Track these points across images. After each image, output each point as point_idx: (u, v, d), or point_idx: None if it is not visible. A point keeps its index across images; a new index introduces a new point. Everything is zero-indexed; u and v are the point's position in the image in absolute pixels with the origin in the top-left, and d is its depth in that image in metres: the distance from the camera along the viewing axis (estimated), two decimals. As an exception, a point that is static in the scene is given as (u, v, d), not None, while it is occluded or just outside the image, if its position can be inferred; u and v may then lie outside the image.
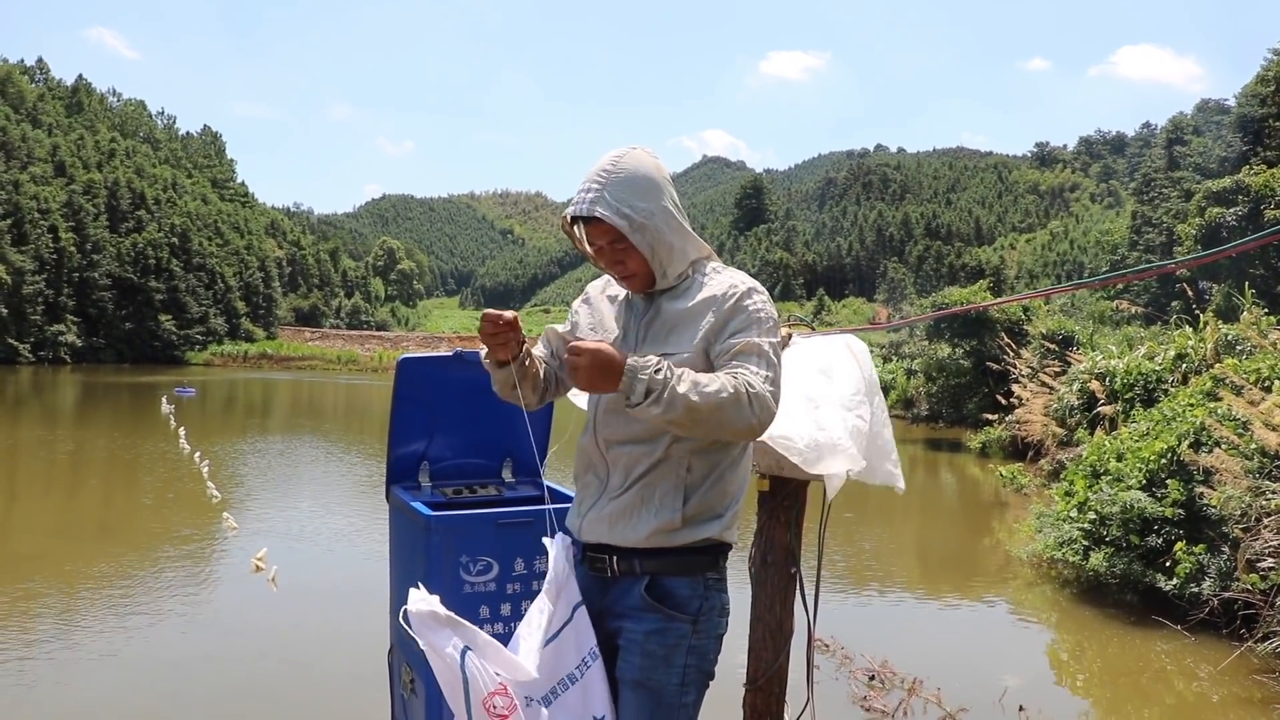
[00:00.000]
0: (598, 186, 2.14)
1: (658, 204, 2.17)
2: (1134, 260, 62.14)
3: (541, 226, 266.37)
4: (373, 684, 4.81)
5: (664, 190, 2.19)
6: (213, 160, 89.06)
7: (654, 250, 2.16)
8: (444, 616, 1.97)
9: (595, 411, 2.25)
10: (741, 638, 2.57)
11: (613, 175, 2.15)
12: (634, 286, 2.24)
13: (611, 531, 2.15)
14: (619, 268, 2.22)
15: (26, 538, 9.62)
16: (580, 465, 2.29)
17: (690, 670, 2.13)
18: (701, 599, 2.15)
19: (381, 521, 9.96)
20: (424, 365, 3.11)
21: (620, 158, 2.18)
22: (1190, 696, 6.02)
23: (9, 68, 69.03)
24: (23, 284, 52.64)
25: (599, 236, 2.18)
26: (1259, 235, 3.08)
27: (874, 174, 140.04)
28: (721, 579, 2.21)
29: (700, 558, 2.15)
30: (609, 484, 2.19)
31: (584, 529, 2.22)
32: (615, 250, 2.18)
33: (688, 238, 2.23)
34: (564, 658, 2.08)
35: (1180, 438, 7.76)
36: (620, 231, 2.13)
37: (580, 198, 2.16)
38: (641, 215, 2.13)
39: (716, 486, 2.15)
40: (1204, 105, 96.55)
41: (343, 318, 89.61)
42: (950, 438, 20.81)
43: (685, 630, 2.13)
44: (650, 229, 2.14)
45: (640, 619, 2.13)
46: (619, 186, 2.14)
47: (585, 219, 2.18)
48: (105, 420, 22.32)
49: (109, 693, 5.42)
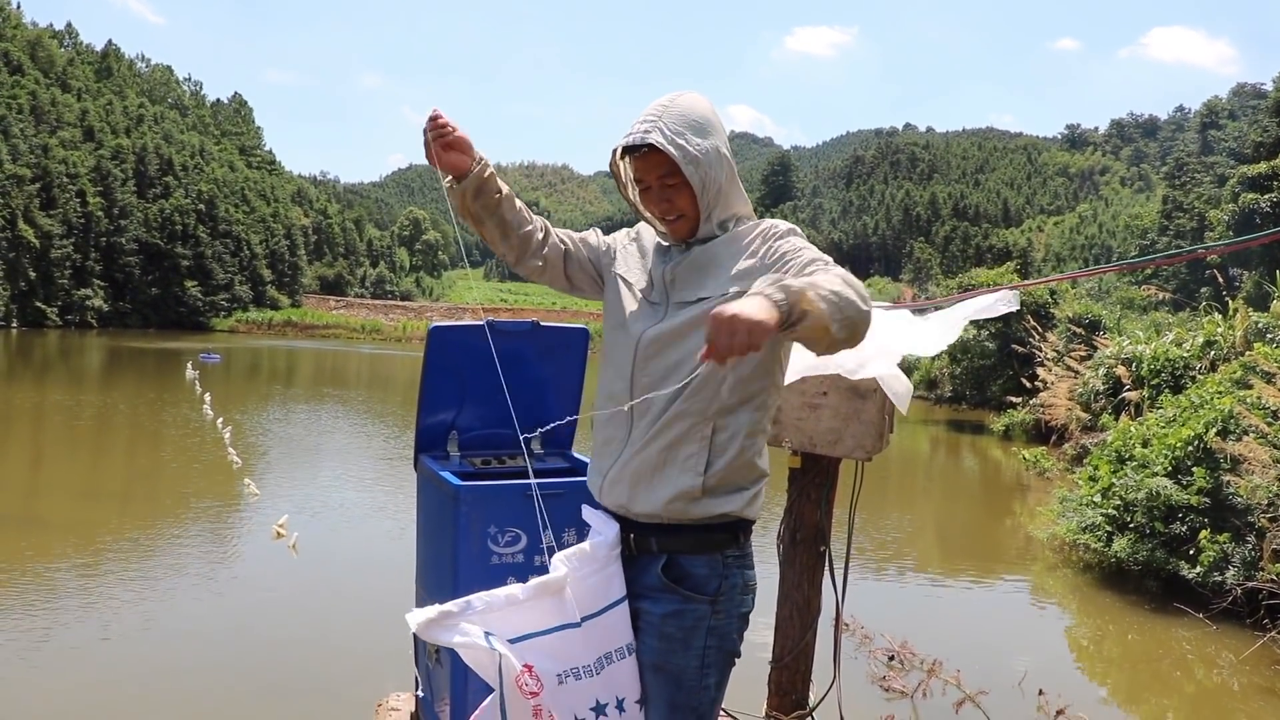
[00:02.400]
0: (653, 118, 2.05)
1: (712, 143, 2.08)
2: (1164, 245, 61.51)
3: (567, 199, 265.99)
4: (394, 652, 4.85)
5: (719, 133, 2.11)
6: (240, 127, 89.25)
7: (704, 188, 2.06)
8: (444, 612, 1.92)
9: (634, 354, 2.11)
10: (767, 614, 2.55)
11: (669, 109, 2.07)
12: (678, 230, 2.13)
13: (632, 494, 2.06)
14: (665, 206, 2.10)
15: (51, 501, 9.74)
16: (601, 421, 2.18)
17: (710, 652, 2.05)
18: (721, 578, 2.06)
19: (401, 491, 10.07)
20: (455, 334, 3.10)
21: (677, 96, 2.11)
22: (1211, 685, 5.99)
23: (39, 32, 69.23)
24: (51, 248, 53.04)
25: (649, 171, 2.09)
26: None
27: (902, 153, 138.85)
28: (744, 555, 2.12)
29: (719, 535, 2.06)
30: (632, 435, 2.09)
31: (604, 490, 2.14)
32: (665, 187, 2.08)
33: (736, 188, 2.15)
34: (598, 642, 2.04)
35: (1208, 425, 7.69)
36: (673, 165, 2.04)
37: (634, 128, 2.06)
38: (696, 149, 2.04)
39: (741, 457, 2.04)
40: (1240, 89, 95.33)
41: (367, 287, 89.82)
42: (973, 420, 20.71)
43: (704, 611, 2.04)
44: (704, 164, 2.05)
45: (658, 600, 2.06)
46: (676, 120, 2.05)
47: (635, 152, 2.08)
48: (130, 385, 22.51)
49: (131, 655, 5.49)
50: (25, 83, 59.66)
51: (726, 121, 2.16)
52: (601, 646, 2.02)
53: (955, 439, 18.83)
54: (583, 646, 2.01)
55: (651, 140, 2.02)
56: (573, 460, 3.20)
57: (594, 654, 2.02)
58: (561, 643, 2.00)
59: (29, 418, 15.12)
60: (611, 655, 2.02)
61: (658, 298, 2.14)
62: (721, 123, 2.13)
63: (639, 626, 2.08)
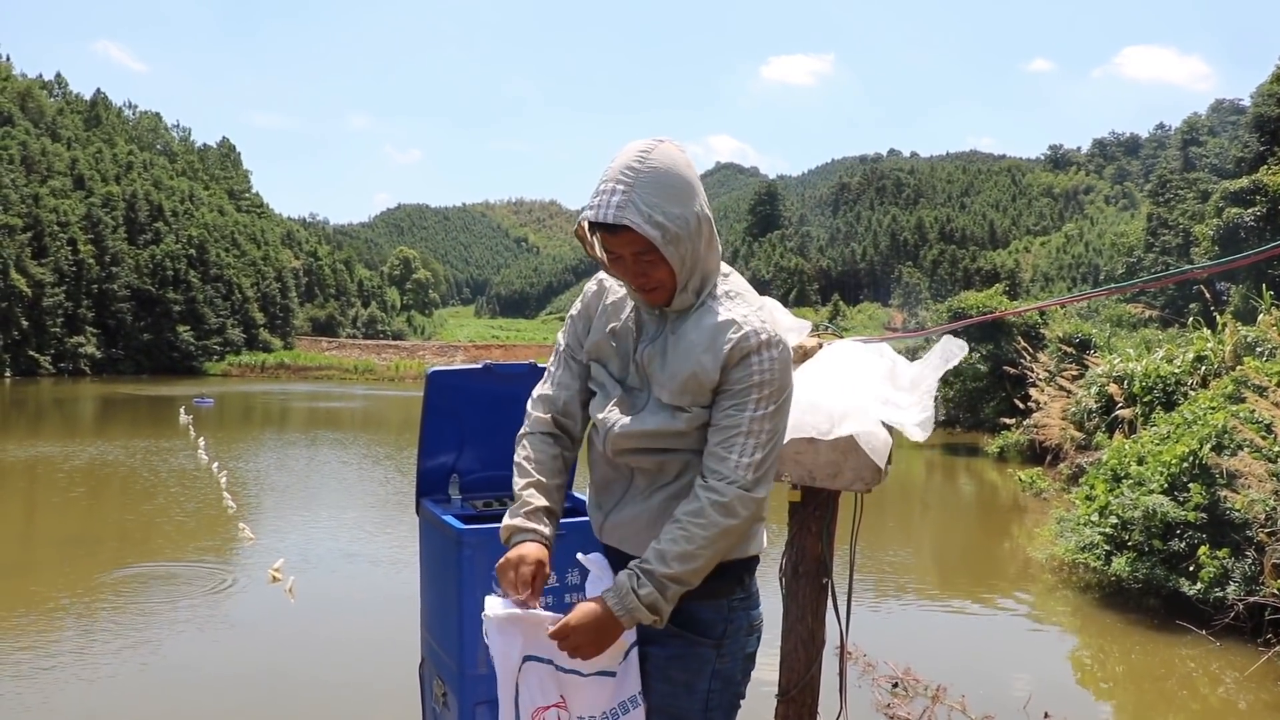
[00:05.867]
0: (624, 188, 1.84)
1: (691, 210, 1.89)
2: (1150, 262, 61.84)
3: (556, 234, 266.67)
4: (393, 694, 4.83)
5: (697, 193, 1.92)
6: (229, 171, 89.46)
7: (684, 262, 1.89)
8: (512, 617, 1.94)
9: (607, 429, 2.05)
10: (772, 648, 2.57)
11: (641, 175, 1.85)
12: (655, 300, 1.97)
13: (635, 540, 2.02)
14: (641, 279, 1.94)
15: (46, 547, 9.71)
16: (598, 471, 2.15)
17: (715, 695, 2.03)
18: (726, 621, 2.04)
19: (397, 533, 10.05)
20: (454, 378, 3.13)
21: (648, 153, 1.88)
22: (1216, 702, 5.99)
23: (29, 83, 69.57)
24: (43, 296, 53.00)
25: (622, 246, 1.89)
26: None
27: (887, 178, 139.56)
28: (748, 596, 2.10)
29: (723, 582, 2.01)
30: (634, 484, 2.06)
31: (606, 529, 2.11)
32: (640, 262, 1.90)
33: (713, 247, 1.98)
34: (618, 690, 2.03)
35: (1202, 441, 7.72)
36: (650, 243, 1.86)
37: (602, 200, 1.85)
38: (676, 224, 1.86)
39: None
40: (1218, 105, 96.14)
41: (359, 327, 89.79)
42: (967, 442, 20.74)
43: (709, 655, 2.02)
44: (685, 240, 1.88)
45: (663, 644, 2.03)
46: (649, 189, 1.84)
47: (608, 228, 1.88)
48: (124, 431, 22.45)
49: (126, 703, 5.45)
50: (16, 133, 59.85)
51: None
52: (618, 695, 2.04)
53: (950, 462, 18.85)
54: (609, 693, 2.02)
55: (625, 221, 1.83)
56: (574, 500, 3.22)
57: (614, 702, 2.03)
58: (597, 688, 2.01)
59: (22, 466, 15.07)
60: (626, 704, 2.03)
61: (636, 382, 2.06)
62: (696, 175, 1.96)
63: (645, 670, 2.06)
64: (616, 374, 2.08)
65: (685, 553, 1.85)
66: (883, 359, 2.69)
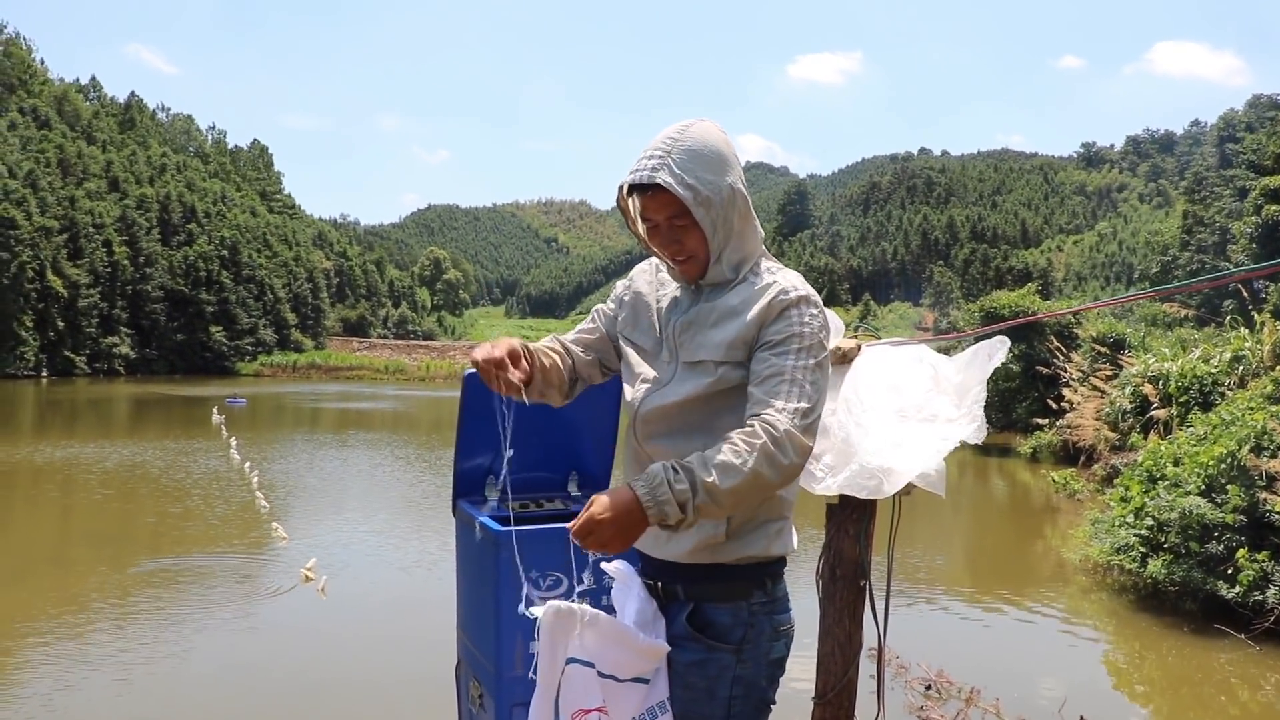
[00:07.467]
0: (661, 153, 1.93)
1: (725, 180, 1.96)
2: (1185, 261, 61.16)
3: (585, 235, 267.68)
4: (428, 695, 4.86)
5: (731, 167, 1.99)
6: (261, 173, 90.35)
7: (715, 229, 1.96)
8: (572, 612, 1.96)
9: (636, 409, 2.08)
10: (809, 650, 2.57)
11: (679, 143, 1.94)
12: (687, 271, 2.03)
13: (655, 540, 2.01)
14: (674, 248, 2.00)
15: (81, 546, 9.84)
16: (629, 465, 2.16)
17: (737, 701, 1.99)
18: (746, 625, 2.00)
19: (429, 534, 10.10)
20: (490, 380, 3.14)
21: (688, 127, 1.98)
22: (1256, 708, 5.91)
23: (65, 87, 70.62)
24: (78, 297, 53.86)
25: (657, 210, 1.97)
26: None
27: (918, 177, 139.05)
28: (771, 601, 2.05)
29: (743, 583, 2.01)
30: None
31: None
32: (673, 227, 1.98)
33: (750, 224, 2.03)
34: (647, 697, 2.03)
35: (1240, 442, 7.63)
36: (683, 205, 1.93)
37: (640, 165, 1.94)
38: (708, 189, 1.93)
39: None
40: (1256, 100, 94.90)
41: (390, 328, 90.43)
42: (1000, 443, 20.59)
43: (728, 660, 1.99)
44: (716, 205, 1.94)
45: (684, 648, 2.02)
46: (685, 155, 1.93)
47: (643, 190, 1.97)
48: (157, 431, 22.71)
49: (159, 700, 5.51)
50: (53, 136, 60.92)
51: (738, 152, 2.09)
52: (649, 700, 2.04)
53: (983, 463, 18.72)
54: (641, 698, 2.03)
55: (659, 180, 1.91)
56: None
57: (643, 708, 2.03)
58: (631, 693, 2.02)
59: (58, 465, 15.27)
60: (655, 710, 2.03)
61: (666, 355, 2.08)
62: (736, 154, 2.03)
63: (668, 675, 2.06)
64: (648, 348, 2.12)
65: (728, 464, 1.77)
66: (923, 364, 2.63)
